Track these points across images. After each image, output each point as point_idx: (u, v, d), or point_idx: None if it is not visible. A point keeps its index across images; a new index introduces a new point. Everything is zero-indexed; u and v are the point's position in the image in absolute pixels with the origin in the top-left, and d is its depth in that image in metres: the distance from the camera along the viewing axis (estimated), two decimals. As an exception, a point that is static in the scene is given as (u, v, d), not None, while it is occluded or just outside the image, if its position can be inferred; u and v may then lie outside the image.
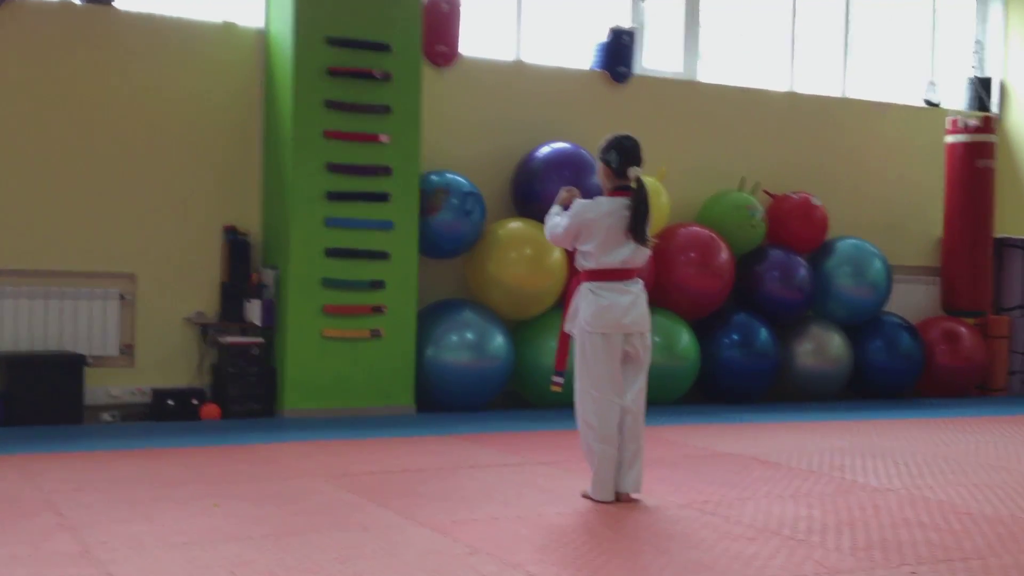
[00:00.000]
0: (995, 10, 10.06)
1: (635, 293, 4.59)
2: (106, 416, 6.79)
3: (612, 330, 4.53)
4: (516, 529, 3.99)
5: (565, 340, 4.76)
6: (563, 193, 4.84)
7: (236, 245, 7.25)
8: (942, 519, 4.30)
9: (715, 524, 4.13)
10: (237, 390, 6.96)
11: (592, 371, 4.55)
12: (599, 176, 4.71)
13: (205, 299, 7.25)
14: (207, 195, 7.28)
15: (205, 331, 7.20)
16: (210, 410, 6.89)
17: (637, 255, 4.59)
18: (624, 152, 4.58)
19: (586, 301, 4.58)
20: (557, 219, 4.72)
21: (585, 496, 4.56)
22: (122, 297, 7.01)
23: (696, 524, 4.13)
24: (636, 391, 4.62)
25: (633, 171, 4.55)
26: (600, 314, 4.53)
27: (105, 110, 7.03)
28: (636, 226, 4.52)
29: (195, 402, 6.91)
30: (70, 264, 6.92)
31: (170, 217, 7.18)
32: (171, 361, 7.13)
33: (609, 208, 4.56)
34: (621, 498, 4.51)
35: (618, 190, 4.60)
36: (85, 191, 6.97)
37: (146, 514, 4.10)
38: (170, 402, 6.85)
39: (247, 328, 7.19)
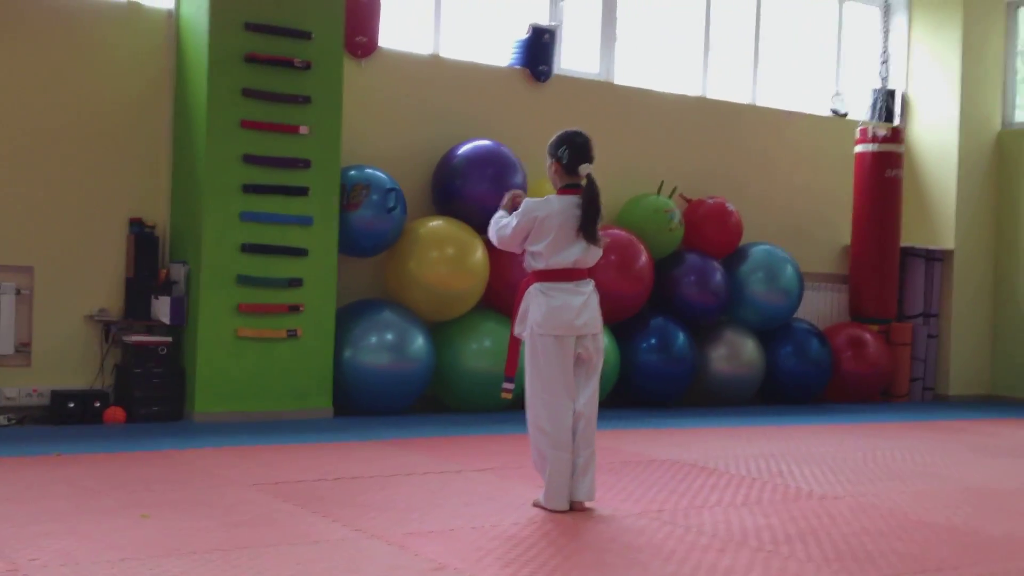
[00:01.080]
0: (899, 22, 10.27)
1: (587, 294, 4.45)
2: (1, 419, 6.31)
3: (564, 332, 4.36)
4: (475, 541, 3.78)
5: (516, 344, 4.58)
6: (508, 197, 4.65)
7: (142, 239, 6.84)
8: (900, 528, 4.26)
9: (678, 535, 4.00)
10: (143, 392, 6.56)
11: (544, 374, 4.39)
12: (548, 173, 4.56)
13: (108, 295, 6.82)
14: (111, 185, 6.85)
15: (108, 329, 6.77)
16: (114, 413, 6.48)
17: (588, 255, 4.45)
18: (575, 148, 4.44)
19: (536, 303, 4.41)
20: (505, 220, 4.54)
21: (537, 505, 4.38)
22: (18, 292, 6.53)
23: (660, 535, 3.99)
24: (589, 395, 4.47)
25: (584, 168, 4.41)
26: (552, 316, 4.36)
27: (0, 95, 6.55)
28: (587, 225, 4.37)
29: (98, 405, 6.48)
30: (-39, 255, 6.43)
31: (71, 208, 6.74)
32: (71, 361, 6.69)
33: (560, 206, 4.40)
34: (574, 506, 4.35)
35: (568, 188, 4.45)
36: (-21, 177, 6.49)
37: (71, 527, 3.76)
38: (71, 404, 6.41)
39: (154, 327, 6.79)
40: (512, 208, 4.56)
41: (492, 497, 4.58)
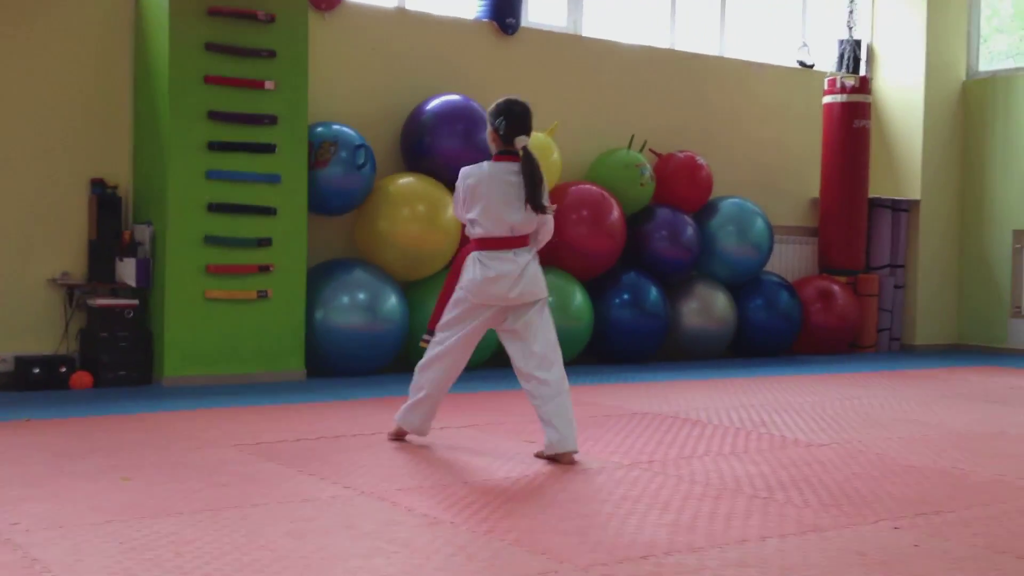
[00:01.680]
0: (864, -26, 10.21)
1: (523, 263, 4.35)
2: (-36, 387, 6.14)
3: (495, 303, 4.36)
4: (468, 495, 3.71)
5: (444, 301, 4.52)
6: None
7: (105, 199, 6.65)
8: (891, 473, 4.24)
9: (672, 484, 3.95)
10: (109, 356, 6.40)
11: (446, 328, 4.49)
12: (488, 138, 4.49)
13: (71, 258, 6.63)
14: (70, 145, 6.64)
15: (72, 293, 6.59)
16: (81, 378, 6.32)
17: (528, 222, 4.36)
18: (513, 118, 4.36)
19: (471, 271, 4.38)
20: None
21: (540, 456, 4.33)
22: (-23, 255, 6.34)
23: (653, 485, 3.93)
24: (539, 360, 4.38)
25: (520, 140, 4.34)
26: (484, 286, 4.33)
27: (-46, 47, 6.32)
28: (533, 196, 4.31)
29: (63, 370, 6.32)
30: (-84, 219, 6.22)
31: (29, 169, 6.53)
32: (34, 326, 6.50)
33: (491, 171, 4.36)
34: (562, 459, 4.29)
35: (503, 155, 4.39)
36: (-67, 137, 6.27)
37: (51, 491, 3.64)
38: (36, 370, 6.24)
39: (119, 289, 6.62)
40: None
41: (479, 452, 4.51)
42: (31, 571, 2.75)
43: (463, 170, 4.44)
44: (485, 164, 4.41)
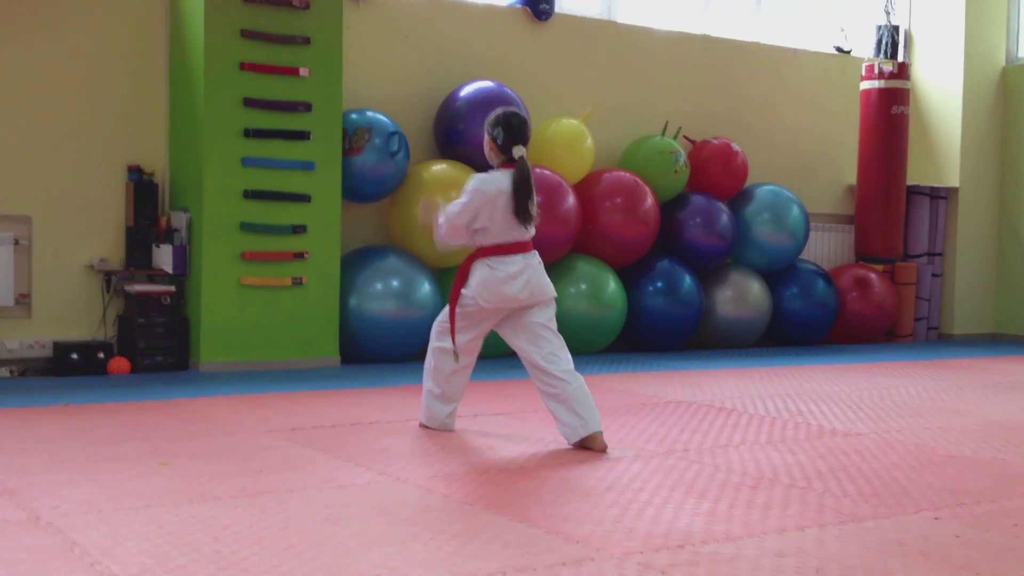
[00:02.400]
0: (902, -41, 10.09)
1: (532, 264, 4.42)
2: (3, 371, 6.20)
3: (504, 304, 4.39)
4: (503, 481, 3.70)
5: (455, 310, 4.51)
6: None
7: (142, 186, 6.70)
8: (930, 463, 4.20)
9: (708, 473, 3.93)
10: (147, 342, 6.44)
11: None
12: (486, 149, 4.53)
13: (108, 244, 6.68)
14: (108, 132, 6.69)
15: (109, 279, 6.64)
16: (119, 364, 6.37)
17: (529, 229, 4.45)
18: (510, 130, 4.43)
19: (479, 275, 4.39)
20: (451, 206, 4.50)
21: (581, 445, 4.28)
22: (16, 242, 6.39)
23: (689, 473, 3.91)
24: (551, 355, 4.40)
25: (517, 150, 4.40)
26: (495, 288, 4.36)
27: (-7, 35, 6.38)
28: (519, 208, 4.35)
29: (101, 355, 6.37)
30: (-44, 205, 6.28)
31: (68, 155, 6.58)
32: (72, 312, 6.56)
33: (509, 180, 4.39)
34: (593, 445, 4.27)
35: (507, 163, 4.44)
36: (-28, 124, 6.33)
37: (90, 475, 3.67)
38: (74, 356, 6.30)
39: (156, 276, 6.67)
40: None
41: (513, 439, 4.51)
42: (70, 555, 2.78)
43: (481, 178, 4.45)
44: (499, 173, 4.42)
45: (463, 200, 4.41)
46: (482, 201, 4.36)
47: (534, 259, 4.43)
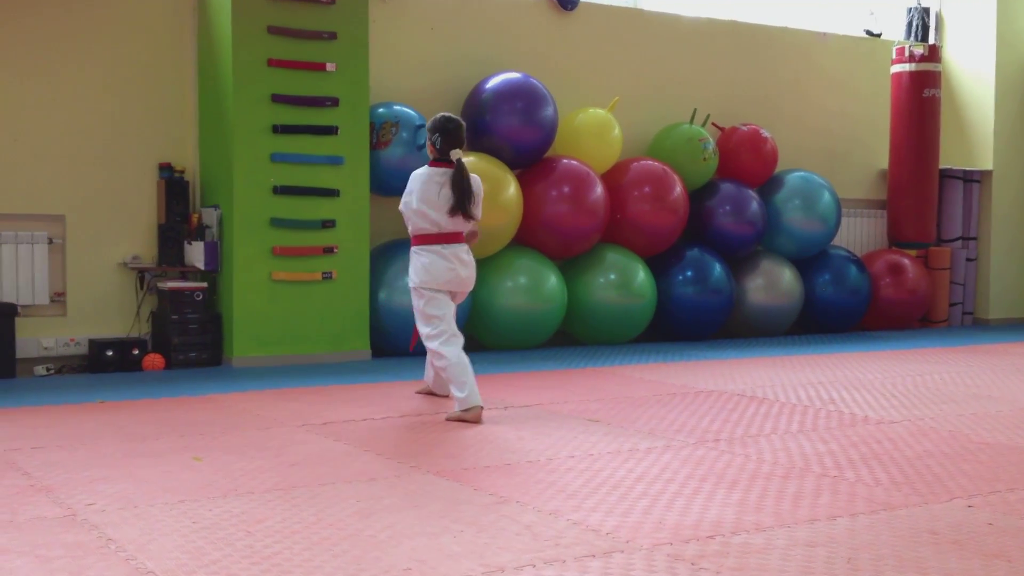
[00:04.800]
0: (932, -60, 9.97)
1: (460, 256, 4.93)
2: (40, 369, 6.29)
3: (453, 287, 4.97)
4: (534, 474, 3.71)
5: None
6: None
7: (172, 184, 6.75)
8: (964, 450, 4.17)
9: (739, 463, 3.92)
10: (181, 338, 6.51)
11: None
12: (427, 150, 5.02)
13: (141, 242, 6.75)
14: (139, 131, 6.75)
15: (142, 276, 6.71)
16: (153, 360, 6.44)
17: (454, 223, 4.88)
18: (447, 135, 4.90)
19: (425, 261, 4.91)
20: None
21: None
22: (50, 241, 6.47)
23: (720, 463, 3.91)
24: None
25: (454, 153, 4.87)
26: (446, 274, 4.91)
27: (27, 43, 6.43)
28: (460, 203, 4.81)
29: (136, 352, 6.44)
30: (-9, 206, 6.36)
31: (99, 155, 6.65)
32: (106, 309, 6.64)
33: (428, 175, 4.88)
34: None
35: (438, 162, 4.92)
36: (7, 127, 6.39)
37: (125, 471, 3.71)
38: (109, 353, 6.37)
39: (188, 272, 6.73)
40: None
41: (543, 432, 4.51)
42: (106, 550, 2.82)
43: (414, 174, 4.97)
44: (424, 169, 4.93)
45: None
46: (413, 192, 4.92)
47: (464, 249, 4.96)
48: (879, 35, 9.77)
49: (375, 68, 7.16)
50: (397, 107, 7.15)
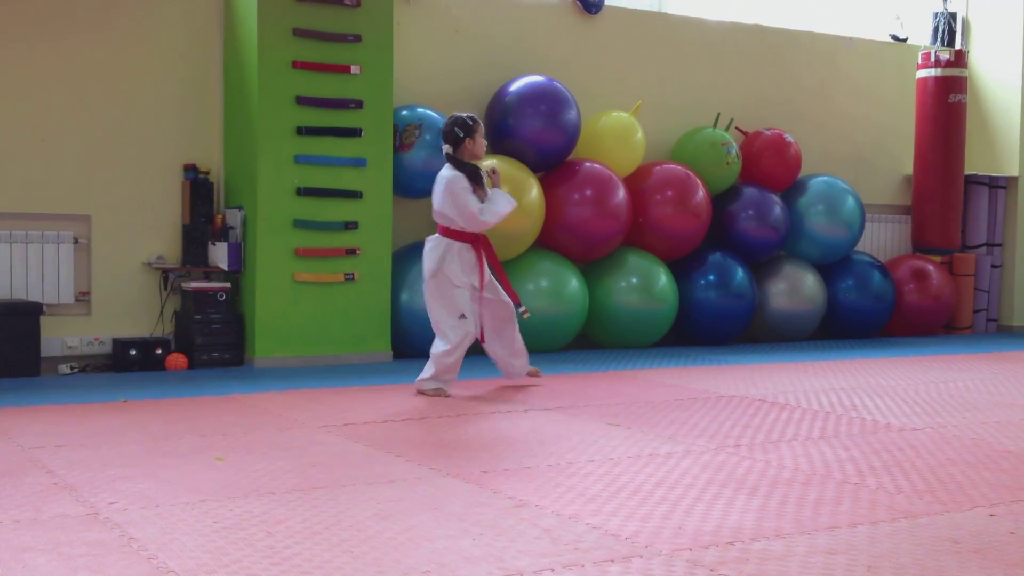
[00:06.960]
0: (959, -56, 9.91)
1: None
2: (64, 368, 6.34)
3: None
4: (553, 478, 3.71)
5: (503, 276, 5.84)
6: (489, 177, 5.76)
7: (197, 185, 6.80)
8: (987, 459, 4.14)
9: (759, 469, 3.91)
10: (204, 338, 6.55)
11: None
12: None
13: (165, 242, 6.80)
14: (164, 131, 6.80)
15: (166, 276, 6.75)
16: (176, 360, 6.48)
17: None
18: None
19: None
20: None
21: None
22: (76, 241, 6.52)
23: (740, 469, 3.90)
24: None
25: (444, 148, 5.57)
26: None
27: (53, 43, 6.49)
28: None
29: (159, 352, 6.48)
30: (18, 205, 6.41)
31: (125, 155, 6.70)
32: (130, 309, 6.68)
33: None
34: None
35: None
36: (34, 128, 6.45)
37: (146, 471, 3.74)
38: (133, 352, 6.42)
39: (212, 273, 6.77)
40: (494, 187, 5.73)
41: (563, 435, 4.51)
42: (128, 549, 2.84)
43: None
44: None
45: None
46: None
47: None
48: (905, 40, 9.72)
49: (399, 70, 7.19)
50: (420, 110, 7.17)
